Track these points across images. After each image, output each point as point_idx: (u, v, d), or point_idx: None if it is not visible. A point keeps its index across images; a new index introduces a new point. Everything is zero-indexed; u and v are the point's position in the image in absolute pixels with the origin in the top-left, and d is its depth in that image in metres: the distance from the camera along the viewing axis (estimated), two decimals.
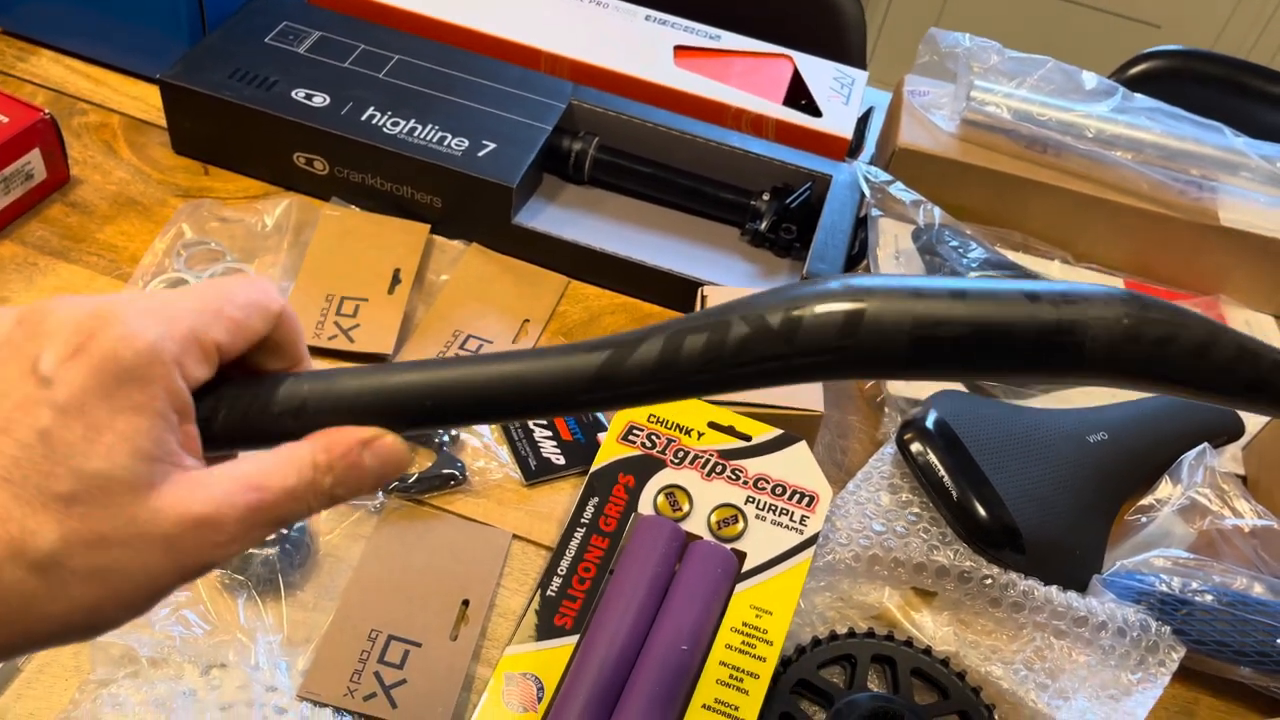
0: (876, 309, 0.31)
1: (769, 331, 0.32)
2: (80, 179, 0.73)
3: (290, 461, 0.32)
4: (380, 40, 0.79)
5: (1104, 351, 0.31)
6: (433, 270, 0.72)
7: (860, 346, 0.31)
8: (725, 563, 0.55)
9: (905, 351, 0.31)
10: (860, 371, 0.32)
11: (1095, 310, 0.31)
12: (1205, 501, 0.60)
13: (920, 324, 0.31)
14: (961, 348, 0.31)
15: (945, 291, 0.32)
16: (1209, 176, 0.79)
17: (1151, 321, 0.31)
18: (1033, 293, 0.32)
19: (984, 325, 0.31)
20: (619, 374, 0.33)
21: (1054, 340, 0.31)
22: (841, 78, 0.85)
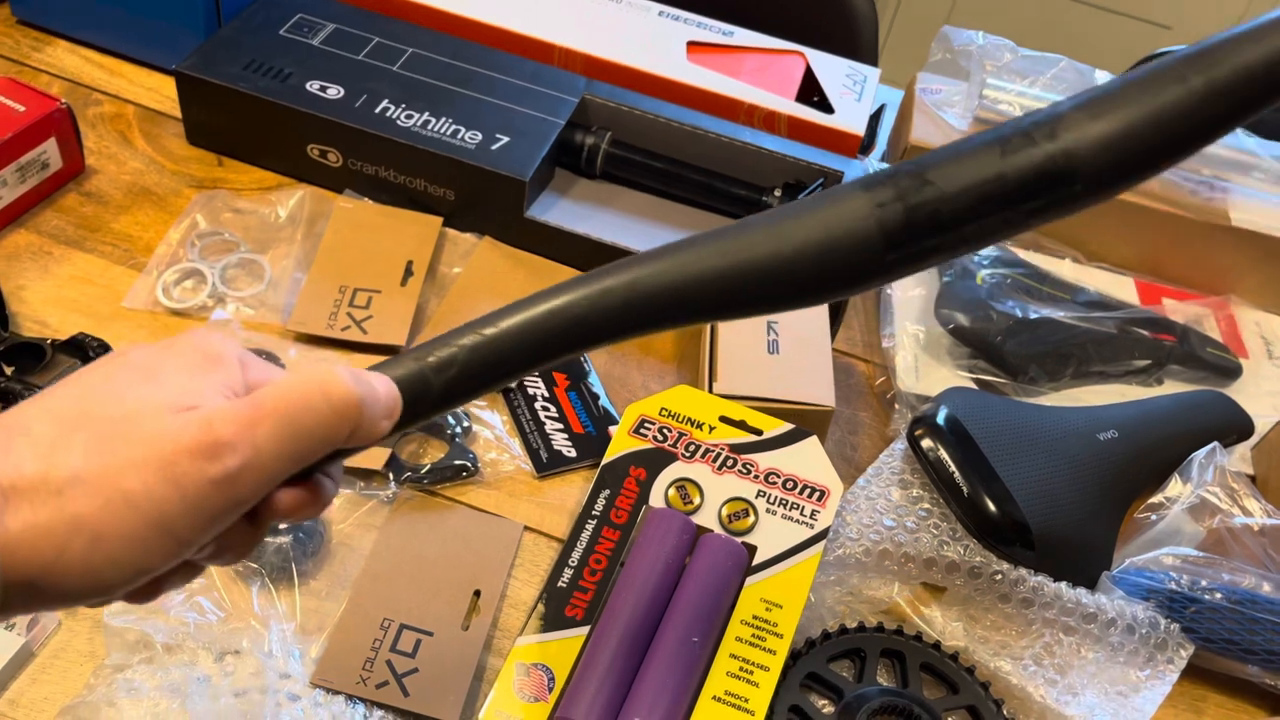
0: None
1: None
2: (95, 169, 0.74)
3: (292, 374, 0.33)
4: (394, 33, 0.79)
5: (1097, 170, 0.32)
6: (445, 263, 0.72)
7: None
8: (736, 556, 0.56)
9: (879, 245, 0.33)
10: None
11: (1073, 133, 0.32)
12: (1215, 500, 0.61)
13: (884, 211, 0.33)
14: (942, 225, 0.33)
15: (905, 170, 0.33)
16: (1220, 176, 0.79)
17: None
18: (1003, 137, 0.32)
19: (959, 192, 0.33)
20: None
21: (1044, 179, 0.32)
22: (854, 74, 0.85)
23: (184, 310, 0.66)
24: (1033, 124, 0.32)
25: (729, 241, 0.33)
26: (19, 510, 0.28)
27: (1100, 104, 0.32)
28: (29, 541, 0.28)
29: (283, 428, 0.31)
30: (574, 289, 0.34)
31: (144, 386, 0.30)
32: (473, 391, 0.34)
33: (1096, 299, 0.75)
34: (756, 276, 0.33)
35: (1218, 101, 0.32)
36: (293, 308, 0.67)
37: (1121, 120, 0.31)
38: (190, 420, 0.30)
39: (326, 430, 0.31)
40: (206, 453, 0.29)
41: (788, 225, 0.33)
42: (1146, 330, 0.73)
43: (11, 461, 0.28)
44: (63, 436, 0.29)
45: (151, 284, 0.67)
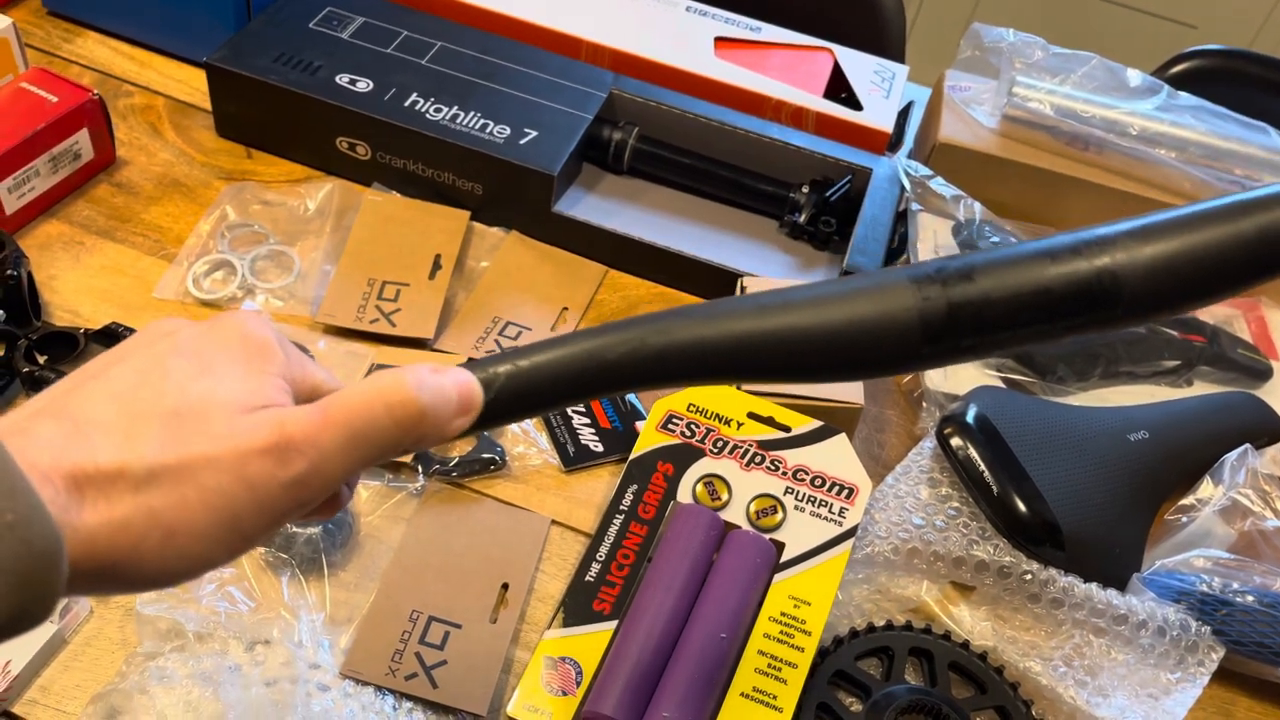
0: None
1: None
2: (126, 160, 0.74)
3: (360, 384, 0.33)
4: (423, 27, 0.79)
5: (1138, 293, 0.32)
6: (473, 257, 0.73)
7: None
8: (764, 552, 0.56)
9: (918, 337, 0.33)
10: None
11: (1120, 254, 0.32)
12: (1247, 502, 0.60)
13: (926, 307, 0.34)
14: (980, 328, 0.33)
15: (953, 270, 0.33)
16: (1252, 177, 0.78)
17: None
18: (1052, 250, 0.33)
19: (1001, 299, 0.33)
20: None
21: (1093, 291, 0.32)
22: (882, 71, 0.85)
23: (214, 301, 0.66)
24: (1083, 241, 0.33)
25: (770, 309, 0.34)
26: (95, 504, 0.28)
27: (1152, 232, 0.32)
28: (106, 535, 0.28)
29: (348, 437, 0.31)
30: (612, 334, 0.34)
31: (204, 379, 0.31)
32: (501, 419, 0.34)
33: None
34: (792, 347, 0.33)
35: (1266, 249, 0.32)
36: (321, 300, 0.67)
37: (1170, 251, 0.32)
38: (263, 422, 0.30)
39: (388, 440, 0.32)
40: (279, 456, 0.30)
41: (832, 303, 0.33)
42: (1176, 330, 0.73)
43: (85, 451, 0.28)
44: (135, 427, 0.29)
45: (182, 275, 0.67)
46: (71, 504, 0.28)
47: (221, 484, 0.29)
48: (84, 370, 0.31)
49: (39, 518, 0.26)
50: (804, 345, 0.33)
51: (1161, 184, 0.78)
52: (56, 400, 0.30)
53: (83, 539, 0.28)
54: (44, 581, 0.26)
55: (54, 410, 0.30)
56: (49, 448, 0.28)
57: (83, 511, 0.28)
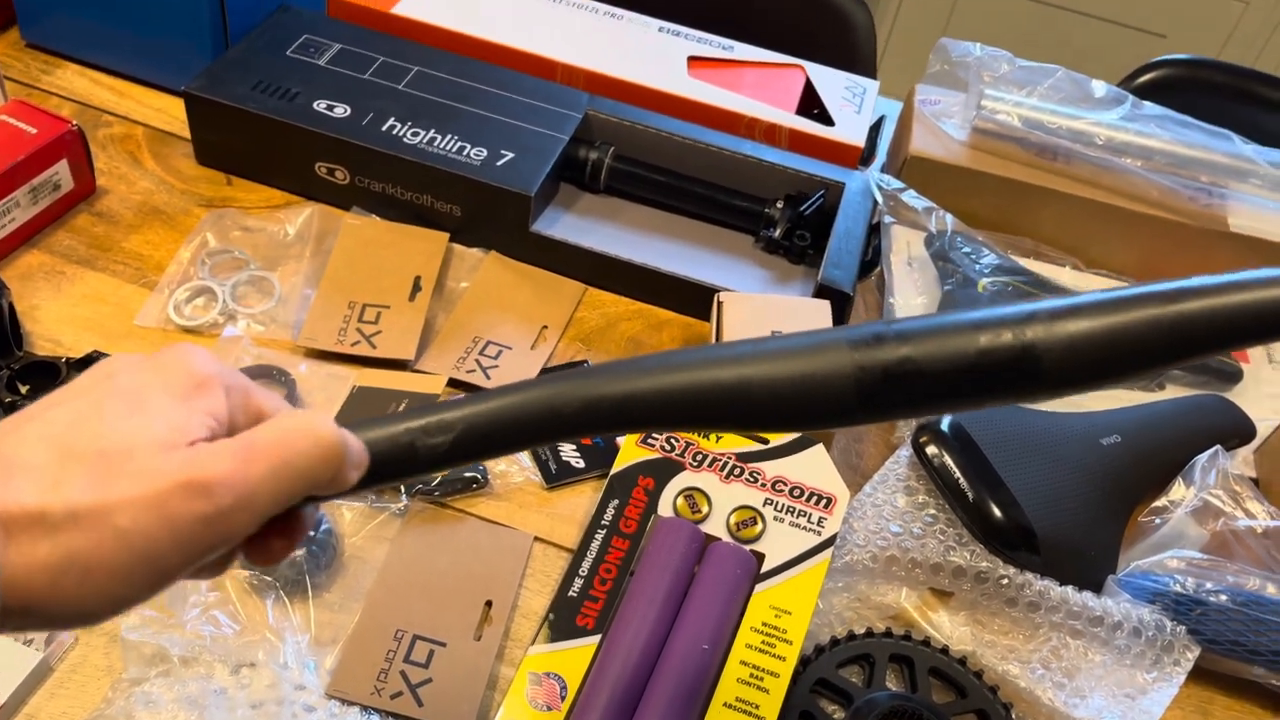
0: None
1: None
2: (106, 189, 0.75)
3: (287, 420, 0.33)
4: (399, 52, 0.80)
5: (1058, 368, 0.33)
6: (452, 278, 0.73)
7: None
8: (745, 563, 0.56)
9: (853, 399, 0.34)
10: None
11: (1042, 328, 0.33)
12: (1218, 503, 0.61)
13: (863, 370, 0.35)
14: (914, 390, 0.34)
15: (892, 335, 0.35)
16: (1218, 183, 0.80)
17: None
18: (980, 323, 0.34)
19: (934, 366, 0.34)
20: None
21: (1014, 364, 0.33)
22: (853, 87, 0.86)
23: (196, 328, 0.67)
24: (1009, 315, 0.35)
25: (715, 364, 0.36)
26: (20, 543, 0.28)
27: (1073, 311, 0.34)
28: (25, 575, 0.28)
29: (271, 470, 0.31)
30: (566, 383, 0.36)
31: (134, 417, 0.31)
32: (455, 463, 0.35)
33: None
34: (735, 401, 0.35)
35: (1181, 337, 0.34)
36: (302, 323, 0.67)
37: (1089, 331, 0.34)
38: (185, 459, 0.30)
39: (313, 473, 0.32)
40: (198, 491, 0.30)
41: (774, 361, 0.35)
42: None
43: (11, 494, 0.29)
44: (61, 469, 0.29)
45: (163, 302, 0.67)
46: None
47: (140, 523, 0.29)
48: (24, 412, 0.32)
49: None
50: (746, 400, 0.35)
51: (1129, 192, 0.79)
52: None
53: (6, 578, 0.28)
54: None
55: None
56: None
57: (7, 551, 0.28)
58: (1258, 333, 0.34)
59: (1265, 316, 0.34)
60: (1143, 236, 0.80)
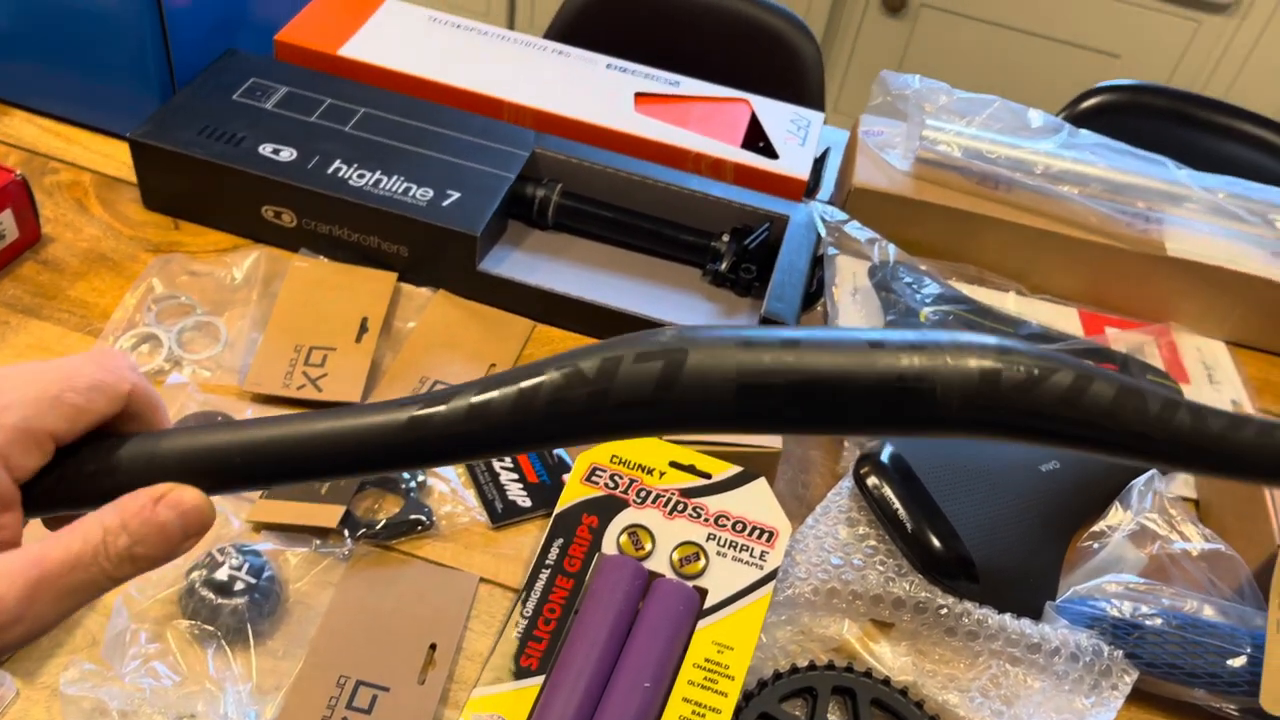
0: (699, 359, 0.30)
1: (584, 381, 0.31)
2: (52, 237, 0.75)
3: (77, 529, 0.32)
4: (347, 94, 0.81)
5: (958, 400, 0.29)
6: (400, 318, 0.74)
7: (681, 399, 0.30)
8: (687, 600, 0.57)
9: (732, 404, 0.30)
10: (685, 426, 0.31)
11: (947, 357, 0.29)
12: (1154, 527, 0.62)
13: (746, 374, 0.30)
14: (796, 398, 0.30)
15: (777, 341, 0.30)
16: (1155, 208, 0.81)
17: (1012, 366, 0.29)
18: (878, 341, 0.30)
19: (817, 375, 0.30)
20: (429, 428, 0.32)
21: (900, 390, 0.29)
22: (798, 120, 0.87)
23: None
24: (919, 342, 0.31)
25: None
26: None
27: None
28: None
29: (65, 590, 0.31)
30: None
31: None
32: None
33: (1039, 331, 0.77)
34: (624, 407, 0.32)
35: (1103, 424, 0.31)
36: (249, 368, 0.68)
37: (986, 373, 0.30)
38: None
39: (100, 583, 0.32)
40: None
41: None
42: (1090, 360, 0.75)
43: None
44: None
45: None
46: None
47: None
48: None
49: None
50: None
51: (1069, 219, 0.81)
52: None
53: None
54: None
55: None
56: None
57: None
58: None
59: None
60: (1084, 262, 0.82)
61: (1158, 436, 0.30)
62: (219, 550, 0.56)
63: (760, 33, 1.13)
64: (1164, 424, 0.30)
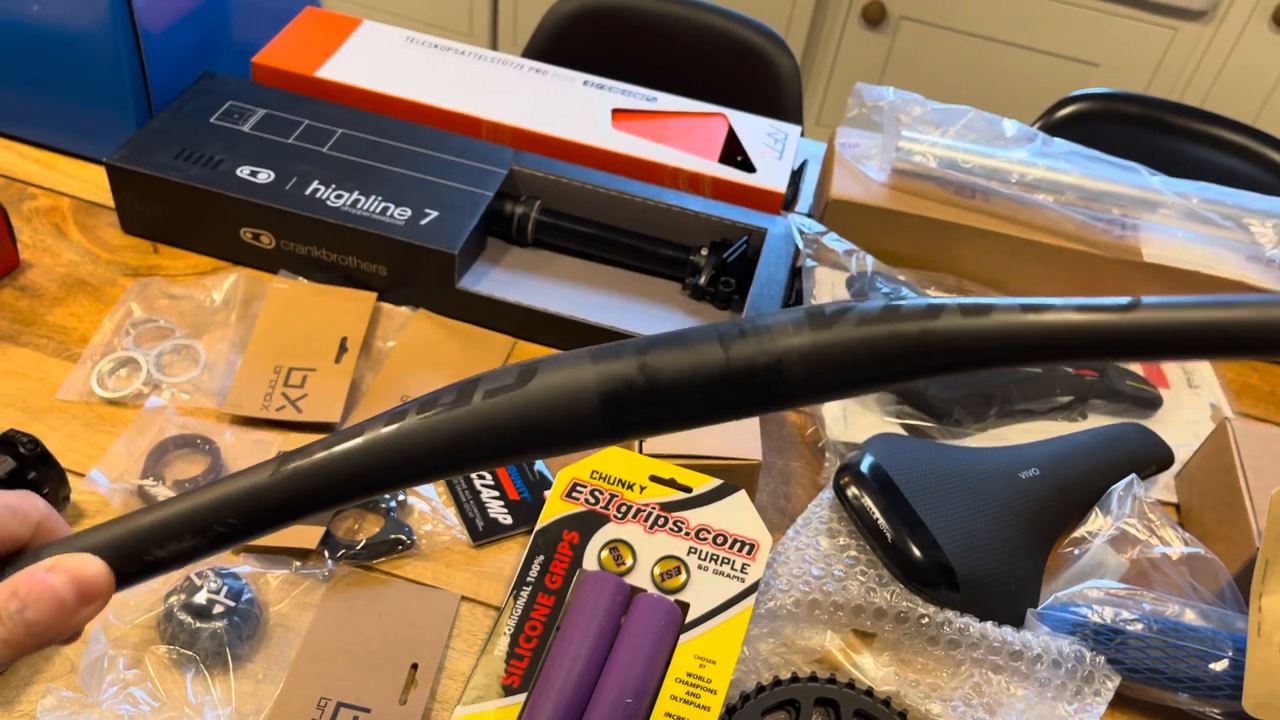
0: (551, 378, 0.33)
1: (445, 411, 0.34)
2: (30, 262, 0.75)
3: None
4: (324, 115, 0.81)
5: (802, 372, 0.33)
6: (380, 337, 0.74)
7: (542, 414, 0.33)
8: (669, 615, 0.57)
9: (598, 416, 0.33)
10: (559, 447, 0.34)
11: (779, 338, 0.33)
12: (1134, 531, 0.62)
13: (604, 383, 0.33)
14: (656, 401, 0.33)
15: (631, 349, 0.34)
16: (1130, 215, 0.82)
17: (831, 331, 0.33)
18: (724, 334, 0.33)
19: (673, 378, 0.33)
20: (296, 479, 0.34)
21: (753, 378, 0.33)
22: (775, 133, 0.88)
23: (120, 399, 0.66)
24: (751, 327, 0.34)
25: (447, 414, 0.35)
26: None
27: (814, 322, 0.34)
28: None
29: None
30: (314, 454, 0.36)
31: None
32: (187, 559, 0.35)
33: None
34: (488, 433, 0.35)
35: (920, 353, 0.34)
36: (228, 390, 0.68)
37: (824, 339, 0.33)
38: None
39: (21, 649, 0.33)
40: None
41: (527, 391, 0.35)
42: (1068, 366, 0.76)
43: None
44: None
45: (86, 374, 0.67)
46: None
47: None
48: None
49: None
50: (499, 433, 0.35)
51: (1044, 226, 0.81)
52: None
53: None
54: None
55: None
56: None
57: None
58: (986, 360, 0.34)
59: (992, 344, 0.34)
60: (1061, 269, 0.82)
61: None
62: (197, 574, 0.56)
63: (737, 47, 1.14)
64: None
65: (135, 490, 0.61)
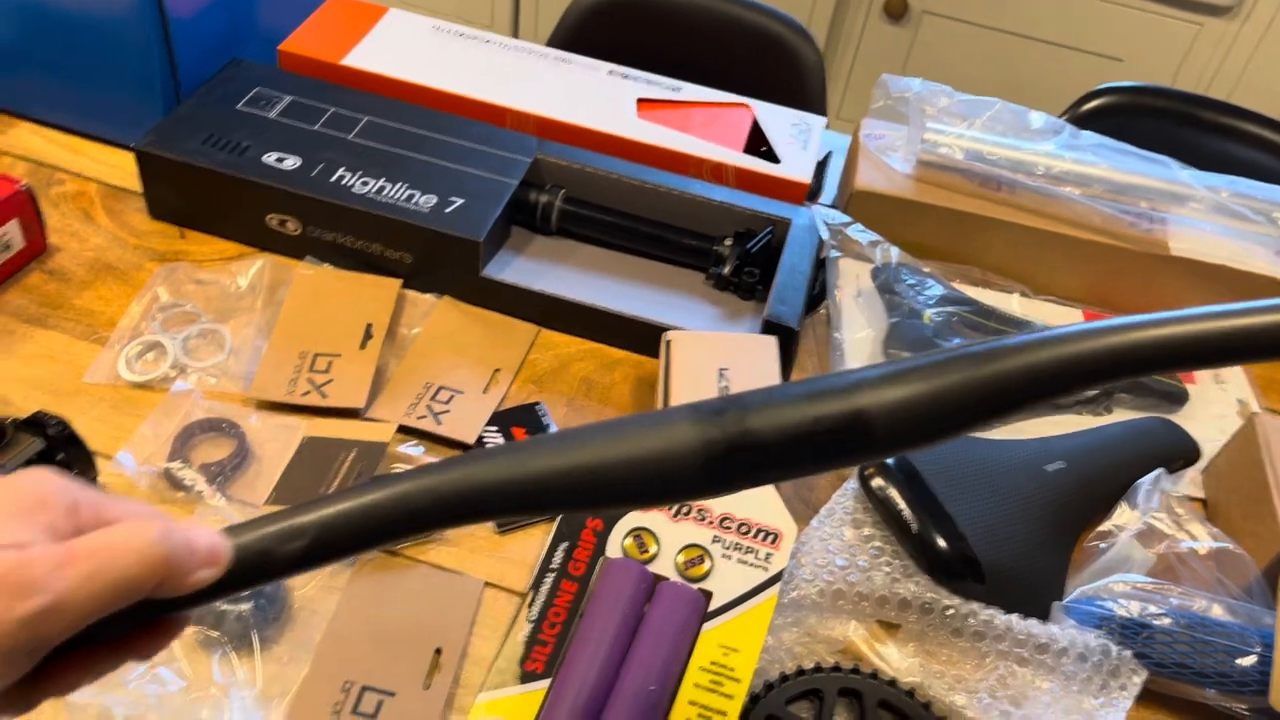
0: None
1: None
2: (58, 246, 0.75)
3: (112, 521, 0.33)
4: (350, 102, 0.81)
5: (888, 431, 0.35)
6: (405, 324, 0.74)
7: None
8: (692, 603, 0.57)
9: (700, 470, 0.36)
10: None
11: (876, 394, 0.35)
12: (1161, 526, 0.62)
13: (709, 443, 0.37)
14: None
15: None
16: (1158, 208, 0.81)
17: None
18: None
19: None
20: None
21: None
22: (799, 124, 0.88)
23: (146, 383, 0.67)
24: (841, 385, 0.36)
25: (564, 449, 0.37)
26: None
27: (898, 377, 0.36)
28: None
29: (88, 575, 0.32)
30: (414, 481, 0.36)
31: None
32: (316, 563, 0.36)
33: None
34: (583, 483, 0.37)
35: (1000, 393, 0.36)
36: (254, 375, 0.68)
37: (914, 395, 0.36)
38: (5, 558, 0.31)
39: (131, 580, 0.32)
40: (15, 591, 0.30)
41: (623, 441, 0.37)
42: None
43: None
44: None
45: (113, 358, 0.68)
46: None
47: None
48: None
49: None
50: (596, 481, 0.37)
51: (1072, 220, 0.81)
52: None
53: None
54: None
55: None
56: None
57: None
58: (1066, 387, 0.36)
59: (1072, 370, 0.35)
60: (1088, 262, 0.82)
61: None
62: None
63: (760, 38, 1.13)
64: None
65: (162, 473, 0.62)
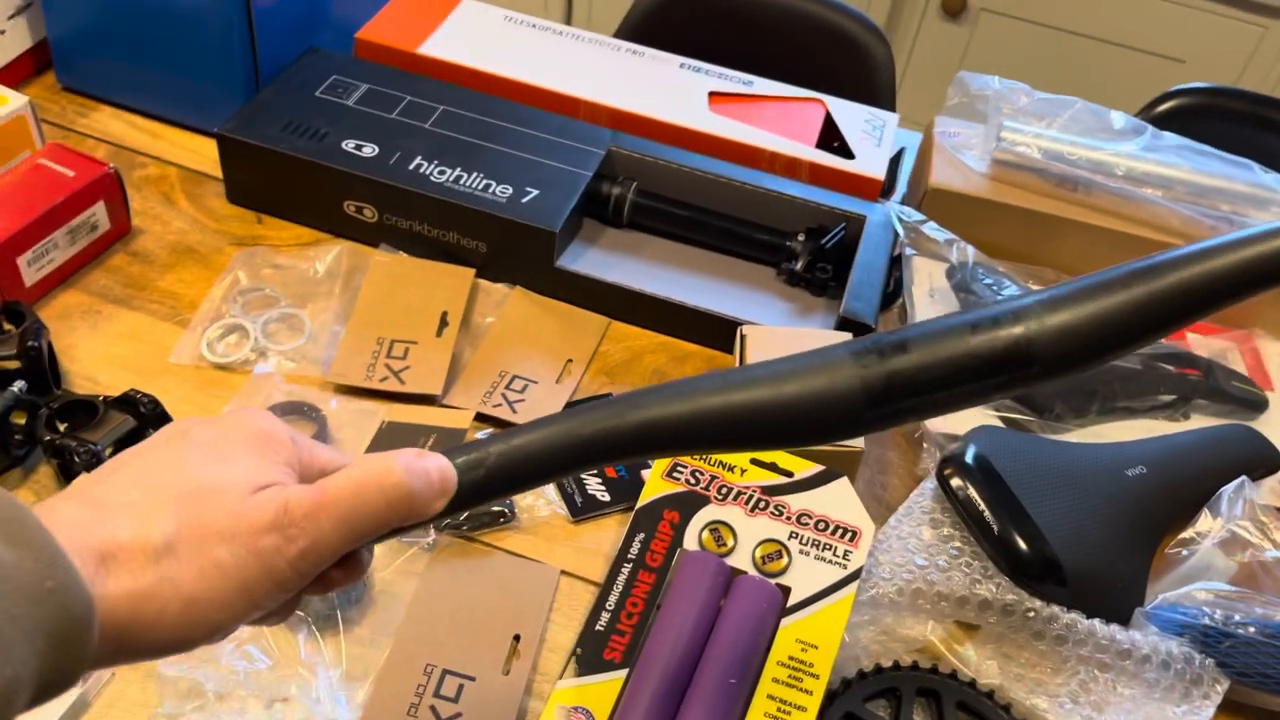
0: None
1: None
2: (141, 229, 0.76)
3: (356, 464, 0.35)
4: (425, 92, 0.82)
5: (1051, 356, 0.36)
6: (479, 313, 0.74)
7: None
8: (771, 597, 0.57)
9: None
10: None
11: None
12: (1245, 534, 0.61)
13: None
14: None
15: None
16: (1239, 212, 0.80)
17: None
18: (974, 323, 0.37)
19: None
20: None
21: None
22: (873, 120, 0.87)
23: (228, 365, 0.68)
24: (1001, 313, 0.37)
25: (732, 387, 0.38)
26: (119, 576, 0.30)
27: (1058, 302, 0.37)
28: (128, 605, 0.30)
29: (343, 515, 0.34)
30: (588, 414, 0.38)
31: (217, 465, 0.34)
32: (493, 495, 0.38)
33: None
34: (753, 419, 0.37)
35: (1156, 310, 0.36)
36: (332, 360, 0.69)
37: (1073, 317, 0.36)
38: (269, 499, 0.33)
39: (380, 519, 0.35)
40: (283, 531, 0.33)
41: (785, 380, 0.38)
42: (1171, 365, 0.74)
43: (109, 529, 0.31)
44: (154, 507, 0.32)
45: (196, 340, 0.69)
46: (96, 577, 0.30)
47: (235, 555, 0.32)
48: (108, 464, 0.34)
49: (74, 585, 0.28)
50: (765, 419, 0.37)
51: (1149, 222, 0.80)
52: (81, 488, 0.33)
53: (106, 608, 0.30)
54: (79, 644, 0.28)
55: (79, 496, 0.32)
56: (75, 526, 0.30)
57: (107, 583, 0.30)
58: (1227, 295, 0.36)
59: (1233, 280, 0.36)
60: None
61: None
62: None
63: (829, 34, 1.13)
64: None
65: None
